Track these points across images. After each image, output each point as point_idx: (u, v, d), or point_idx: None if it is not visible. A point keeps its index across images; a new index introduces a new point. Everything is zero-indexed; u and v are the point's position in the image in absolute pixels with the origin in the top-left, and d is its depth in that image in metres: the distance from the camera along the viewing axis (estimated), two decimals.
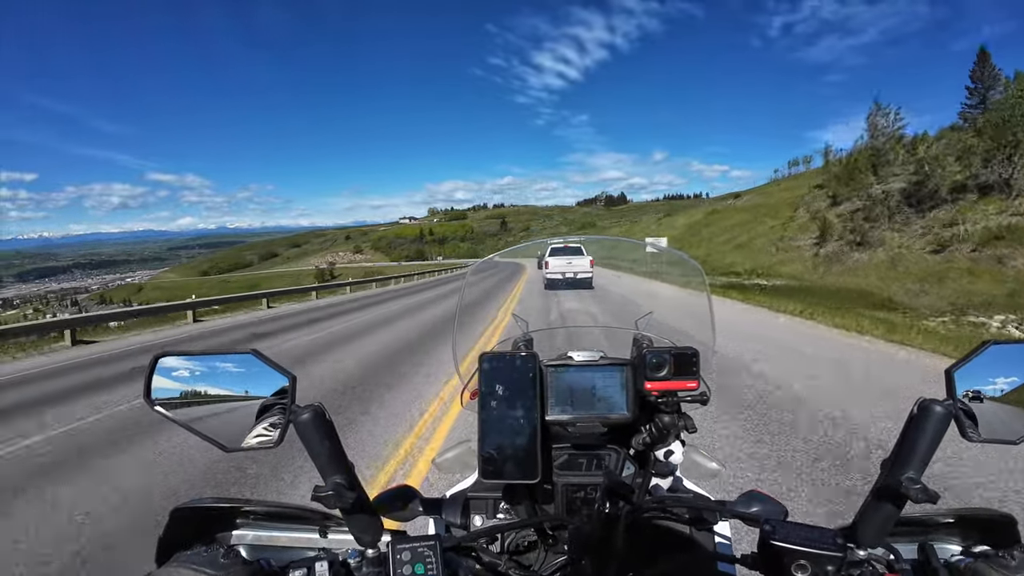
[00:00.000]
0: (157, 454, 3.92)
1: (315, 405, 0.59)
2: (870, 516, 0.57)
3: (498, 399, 0.71)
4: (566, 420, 0.76)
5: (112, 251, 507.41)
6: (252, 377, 0.60)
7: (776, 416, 4.32)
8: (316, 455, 0.58)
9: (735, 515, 0.69)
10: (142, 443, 4.17)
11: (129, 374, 7.12)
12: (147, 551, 0.64)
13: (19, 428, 4.77)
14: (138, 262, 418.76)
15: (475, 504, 0.82)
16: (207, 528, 0.71)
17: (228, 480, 3.37)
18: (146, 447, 4.09)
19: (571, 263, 10.73)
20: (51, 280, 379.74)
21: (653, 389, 0.75)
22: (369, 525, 0.61)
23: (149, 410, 0.61)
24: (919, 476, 0.54)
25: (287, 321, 13.22)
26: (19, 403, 5.86)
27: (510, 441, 0.69)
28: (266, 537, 0.73)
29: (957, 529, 0.69)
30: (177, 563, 0.56)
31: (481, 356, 0.74)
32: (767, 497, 0.71)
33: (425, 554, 0.56)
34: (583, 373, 0.77)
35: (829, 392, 5.03)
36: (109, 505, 3.10)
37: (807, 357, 6.87)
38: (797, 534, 0.56)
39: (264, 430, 0.59)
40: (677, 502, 0.78)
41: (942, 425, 0.54)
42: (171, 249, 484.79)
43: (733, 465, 3.34)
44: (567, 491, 0.80)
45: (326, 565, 0.60)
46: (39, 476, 3.60)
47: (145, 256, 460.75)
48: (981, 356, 0.56)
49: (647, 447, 0.79)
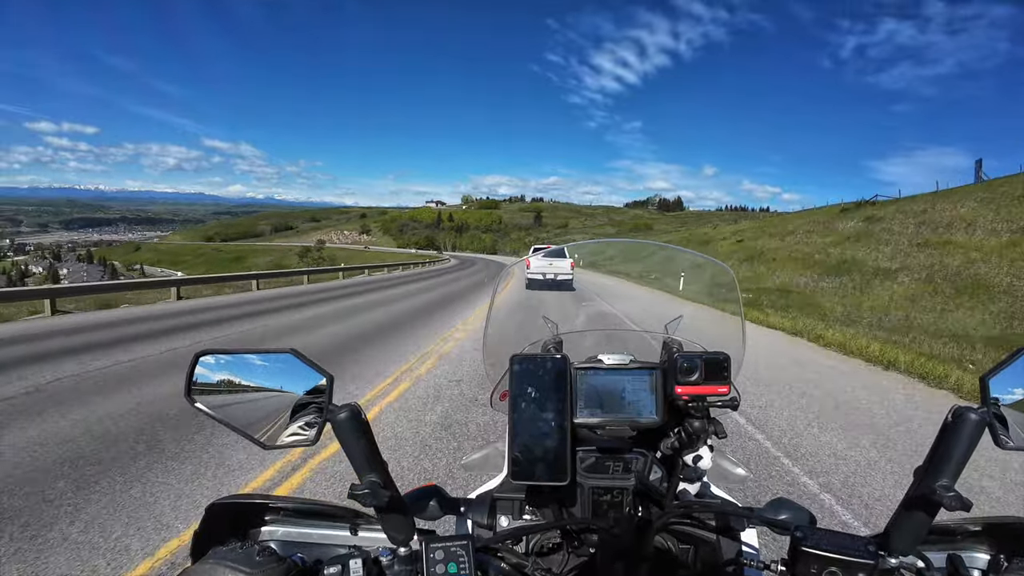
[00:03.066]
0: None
1: (352, 405, 0.59)
2: (903, 524, 0.55)
3: (528, 401, 0.71)
4: (595, 423, 0.77)
5: (160, 209, 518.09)
6: (290, 376, 0.61)
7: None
8: (352, 453, 0.58)
9: (763, 521, 0.68)
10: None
11: None
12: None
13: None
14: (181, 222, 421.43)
15: (501, 505, 0.82)
16: (242, 524, 0.73)
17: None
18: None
19: (552, 264, 10.97)
20: (94, 230, 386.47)
21: (683, 393, 0.75)
22: (402, 524, 0.61)
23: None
24: (953, 484, 0.52)
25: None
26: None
27: (540, 443, 0.69)
28: (297, 534, 0.74)
29: (986, 538, 0.69)
30: (214, 559, 0.56)
31: (512, 358, 0.74)
32: (795, 504, 0.71)
33: (458, 554, 0.56)
34: (613, 376, 0.78)
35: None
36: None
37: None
38: (829, 541, 0.56)
39: (301, 428, 0.60)
40: (705, 508, 0.76)
41: (976, 433, 0.52)
42: (215, 213, 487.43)
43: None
44: (594, 494, 0.79)
45: (360, 562, 0.59)
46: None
47: (189, 217, 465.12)
48: (1016, 363, 0.55)
49: (675, 452, 0.78)
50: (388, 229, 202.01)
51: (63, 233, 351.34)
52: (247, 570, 0.54)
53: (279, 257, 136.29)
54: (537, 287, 10.91)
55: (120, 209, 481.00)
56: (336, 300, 14.23)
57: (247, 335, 8.23)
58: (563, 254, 10.11)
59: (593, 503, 0.79)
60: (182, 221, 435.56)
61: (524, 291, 9.92)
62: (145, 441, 3.60)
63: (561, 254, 10.49)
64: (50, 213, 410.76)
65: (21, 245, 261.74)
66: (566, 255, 9.90)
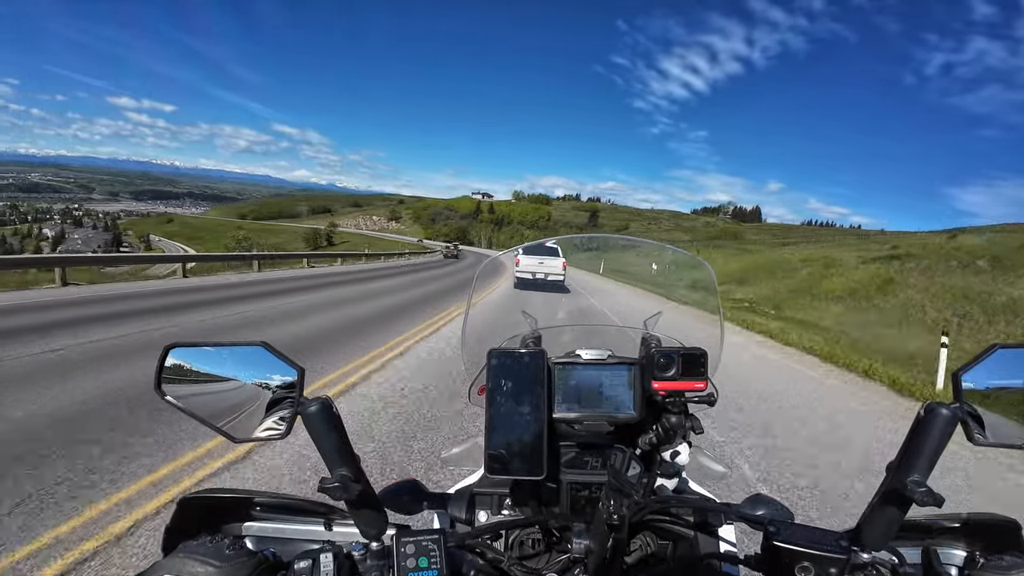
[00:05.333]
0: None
1: (323, 398, 0.59)
2: (875, 519, 0.56)
3: (506, 395, 0.70)
4: (573, 418, 0.76)
5: (227, 188, 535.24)
6: (261, 368, 0.60)
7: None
8: (323, 447, 0.58)
9: (740, 517, 0.69)
10: None
11: None
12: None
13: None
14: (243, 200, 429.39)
15: (480, 500, 0.82)
16: (214, 519, 0.71)
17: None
18: None
19: (543, 263, 9.56)
20: (161, 202, 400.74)
21: (661, 389, 0.74)
22: (374, 518, 0.61)
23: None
24: (925, 479, 0.52)
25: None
26: None
27: (517, 437, 0.69)
28: (271, 529, 0.74)
29: (961, 534, 0.69)
30: (183, 553, 0.55)
31: (490, 352, 0.73)
32: (773, 500, 0.73)
33: (429, 548, 0.56)
34: (591, 371, 0.78)
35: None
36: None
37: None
38: (801, 536, 0.56)
39: (273, 422, 0.60)
40: (682, 503, 0.78)
41: (948, 428, 0.52)
42: (276, 195, 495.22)
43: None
44: (572, 489, 0.78)
45: (331, 557, 0.58)
46: None
47: (251, 196, 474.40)
48: (988, 359, 0.55)
49: (653, 447, 0.78)
50: (419, 217, 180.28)
51: (131, 203, 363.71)
52: (217, 564, 0.54)
53: (288, 240, 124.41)
54: (526, 287, 9.07)
55: (189, 185, 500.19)
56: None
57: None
58: (556, 252, 9.01)
59: (571, 499, 0.77)
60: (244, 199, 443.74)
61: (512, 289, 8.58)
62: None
63: (553, 252, 9.26)
64: (122, 183, 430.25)
65: (68, 210, 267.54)
66: (559, 254, 8.83)
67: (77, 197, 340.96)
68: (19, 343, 5.27)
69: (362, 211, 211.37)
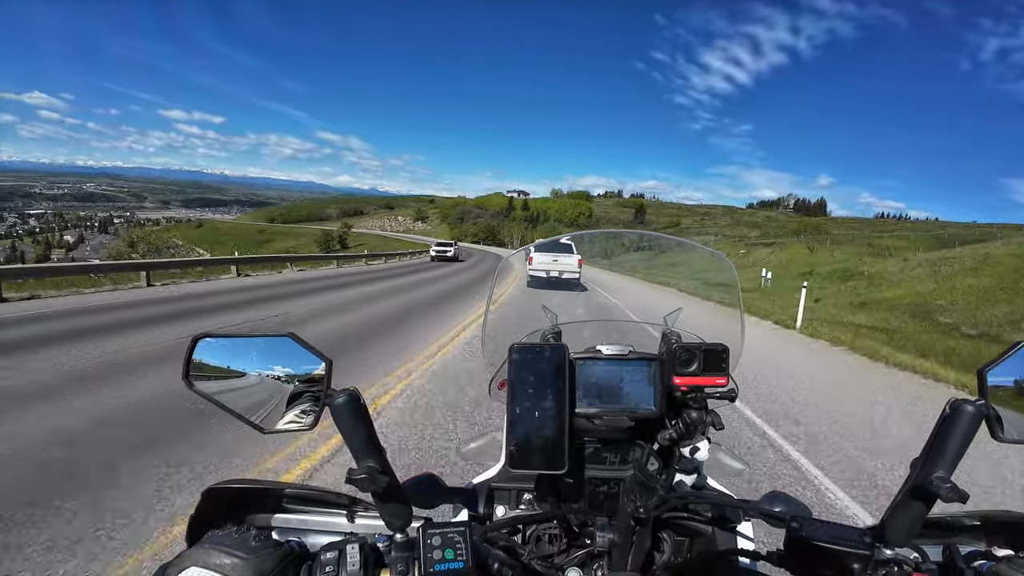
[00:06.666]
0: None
1: (350, 389, 0.58)
2: (899, 515, 0.55)
3: (527, 390, 0.70)
4: (593, 413, 0.77)
5: (272, 194, 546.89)
6: (289, 359, 0.60)
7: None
8: (350, 439, 0.58)
9: (760, 513, 0.69)
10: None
11: None
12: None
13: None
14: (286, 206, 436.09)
15: (499, 494, 0.84)
16: (237, 509, 0.73)
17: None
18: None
19: (557, 260, 10.56)
20: (210, 210, 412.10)
21: (681, 384, 0.75)
22: (400, 510, 0.61)
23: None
24: (949, 475, 0.52)
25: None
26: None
27: (538, 432, 0.69)
28: (295, 520, 0.75)
29: (982, 531, 0.70)
30: (209, 544, 0.56)
31: (511, 347, 0.72)
32: (791, 498, 0.73)
33: (455, 540, 0.56)
34: (611, 366, 0.78)
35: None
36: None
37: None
38: (825, 532, 0.56)
39: (299, 413, 0.60)
40: (701, 499, 0.78)
41: (973, 425, 0.52)
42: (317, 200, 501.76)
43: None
44: (591, 484, 0.79)
45: (357, 548, 0.58)
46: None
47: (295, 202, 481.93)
48: (1014, 356, 0.55)
49: (672, 443, 0.78)
50: (447, 216, 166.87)
51: (181, 210, 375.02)
52: (242, 555, 0.54)
53: (303, 243, 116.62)
54: (540, 285, 10.23)
55: (236, 192, 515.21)
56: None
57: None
58: (570, 249, 8.77)
59: (590, 493, 0.78)
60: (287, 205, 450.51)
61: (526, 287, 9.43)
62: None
63: (568, 249, 9.15)
64: (174, 192, 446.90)
65: (111, 217, 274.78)
66: (573, 251, 8.70)
67: (130, 206, 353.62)
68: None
69: (392, 212, 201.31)
